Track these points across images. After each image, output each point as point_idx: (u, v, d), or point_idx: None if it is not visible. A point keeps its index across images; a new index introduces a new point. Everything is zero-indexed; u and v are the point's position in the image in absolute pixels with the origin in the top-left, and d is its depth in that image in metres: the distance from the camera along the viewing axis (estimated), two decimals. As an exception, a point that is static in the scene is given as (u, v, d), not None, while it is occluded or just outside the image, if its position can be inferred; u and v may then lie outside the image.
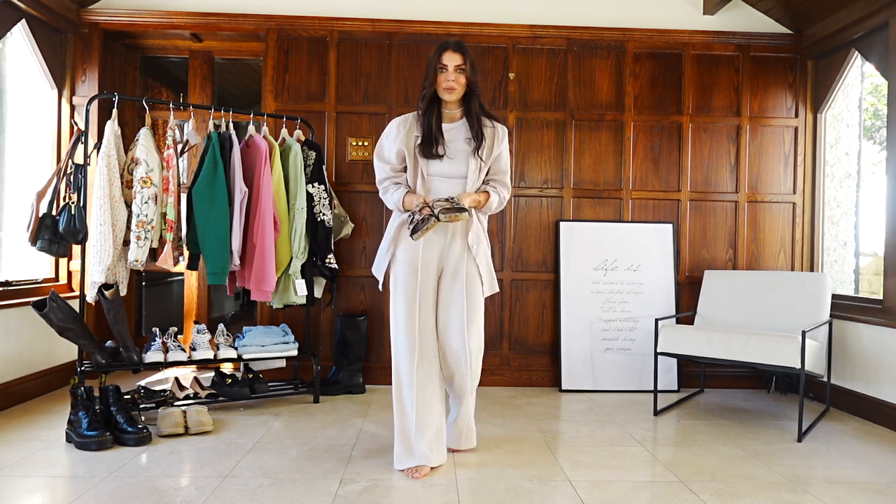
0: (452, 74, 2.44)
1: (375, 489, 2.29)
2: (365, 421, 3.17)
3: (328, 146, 3.94)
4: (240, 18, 3.91)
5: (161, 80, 4.80)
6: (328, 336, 3.95)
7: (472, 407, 2.68)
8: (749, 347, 3.09)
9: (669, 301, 3.96)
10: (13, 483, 2.29)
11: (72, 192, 2.98)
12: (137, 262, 3.01)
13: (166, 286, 5.12)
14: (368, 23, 3.93)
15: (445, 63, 2.44)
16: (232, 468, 2.46)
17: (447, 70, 2.44)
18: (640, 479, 2.45)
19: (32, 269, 3.67)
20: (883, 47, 3.42)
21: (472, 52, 2.52)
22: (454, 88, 2.45)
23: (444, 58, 2.45)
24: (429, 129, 2.47)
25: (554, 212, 4.03)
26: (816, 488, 2.38)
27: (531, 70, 4.02)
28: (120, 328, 3.02)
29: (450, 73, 2.44)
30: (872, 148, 3.94)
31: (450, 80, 2.44)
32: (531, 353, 4.01)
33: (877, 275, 3.77)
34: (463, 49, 2.46)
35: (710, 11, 4.00)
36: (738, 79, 4.08)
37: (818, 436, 3.06)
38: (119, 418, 2.75)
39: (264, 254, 3.23)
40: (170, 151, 3.12)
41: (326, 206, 3.52)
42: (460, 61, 2.44)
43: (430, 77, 2.47)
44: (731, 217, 4.08)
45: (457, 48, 2.46)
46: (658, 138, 4.06)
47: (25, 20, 3.50)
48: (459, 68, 2.44)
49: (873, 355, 3.33)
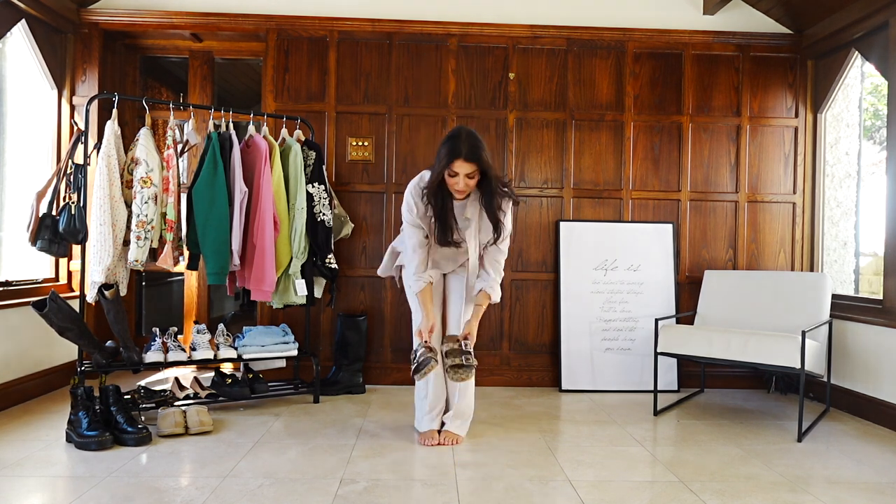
0: (463, 181, 2.45)
1: (375, 489, 2.29)
2: (365, 421, 3.17)
3: (328, 146, 3.94)
4: (240, 18, 3.91)
5: (161, 80, 4.80)
6: (328, 336, 3.95)
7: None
8: (749, 347, 3.09)
9: (669, 301, 3.96)
10: (13, 483, 2.29)
11: (72, 192, 2.98)
12: (137, 262, 3.01)
13: (166, 286, 5.12)
14: (368, 23, 3.93)
15: (457, 171, 2.44)
16: (232, 468, 2.46)
17: (458, 177, 2.45)
18: (640, 479, 2.45)
19: (32, 269, 3.67)
20: (883, 47, 3.42)
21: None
22: (464, 192, 2.49)
23: (456, 166, 2.42)
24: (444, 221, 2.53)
25: (554, 212, 4.03)
26: (816, 488, 2.38)
27: (531, 70, 4.02)
28: (120, 328, 3.02)
29: (460, 180, 2.45)
30: (872, 148, 3.94)
31: (459, 185, 2.46)
32: (531, 353, 4.01)
33: (877, 275, 3.77)
34: (477, 157, 2.40)
35: (710, 11, 4.00)
36: (738, 79, 4.08)
37: (818, 436, 3.06)
38: (119, 418, 2.75)
39: (264, 254, 3.23)
40: (170, 151, 3.12)
41: (326, 206, 3.51)
42: (472, 170, 2.43)
43: (438, 170, 2.46)
44: (731, 217, 4.08)
45: (469, 157, 2.39)
46: (658, 138, 4.06)
47: (25, 20, 3.50)
48: (470, 176, 2.44)
49: (873, 355, 3.33)
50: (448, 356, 2.60)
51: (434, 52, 3.97)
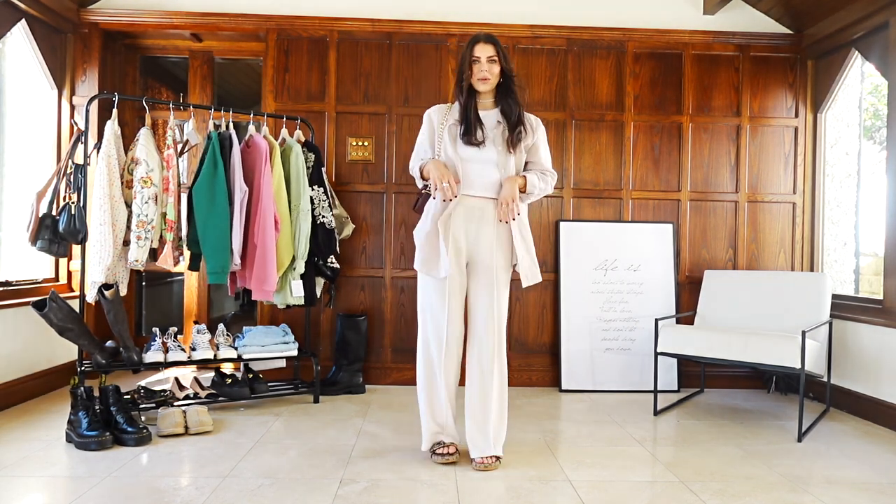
0: (486, 65, 2.52)
1: (375, 489, 2.29)
2: (365, 421, 3.17)
3: (328, 146, 3.94)
4: (240, 18, 3.91)
5: (161, 80, 4.80)
6: (328, 336, 3.95)
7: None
8: (749, 347, 3.09)
9: (669, 301, 3.96)
10: (13, 483, 2.29)
11: (72, 192, 2.98)
12: (137, 262, 3.01)
13: (166, 286, 5.12)
14: (368, 23, 3.93)
15: (478, 55, 2.53)
16: (232, 468, 2.46)
17: (480, 61, 2.53)
18: (640, 479, 2.45)
19: (32, 269, 3.67)
20: (883, 47, 3.42)
21: (503, 43, 2.61)
22: (488, 79, 2.54)
23: (476, 50, 2.53)
24: (468, 118, 2.53)
25: (554, 212, 4.03)
26: (816, 488, 2.38)
27: (531, 70, 4.01)
28: (120, 328, 3.02)
29: (483, 64, 2.52)
30: (872, 148, 3.94)
31: (483, 70, 2.52)
32: (531, 353, 4.00)
33: (877, 275, 3.76)
34: (494, 40, 2.55)
35: (710, 11, 4.00)
36: (738, 79, 4.08)
37: (818, 436, 3.06)
38: (119, 418, 2.75)
39: (265, 253, 3.22)
40: (170, 151, 3.12)
41: (326, 207, 3.52)
42: (492, 52, 2.52)
43: (464, 69, 2.56)
44: (731, 217, 4.08)
45: (488, 40, 2.54)
46: (658, 138, 4.06)
47: (25, 20, 3.50)
48: (492, 59, 2.52)
49: (873, 355, 3.33)
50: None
51: (434, 51, 3.97)
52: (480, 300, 2.55)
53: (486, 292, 2.54)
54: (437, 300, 2.53)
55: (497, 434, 2.53)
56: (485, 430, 2.51)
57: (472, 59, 2.54)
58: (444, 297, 2.52)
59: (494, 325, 2.53)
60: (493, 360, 2.53)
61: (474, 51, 2.53)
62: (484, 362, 2.53)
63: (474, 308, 2.57)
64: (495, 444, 2.52)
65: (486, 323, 2.54)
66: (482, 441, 2.51)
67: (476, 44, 2.54)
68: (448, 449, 2.56)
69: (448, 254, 2.48)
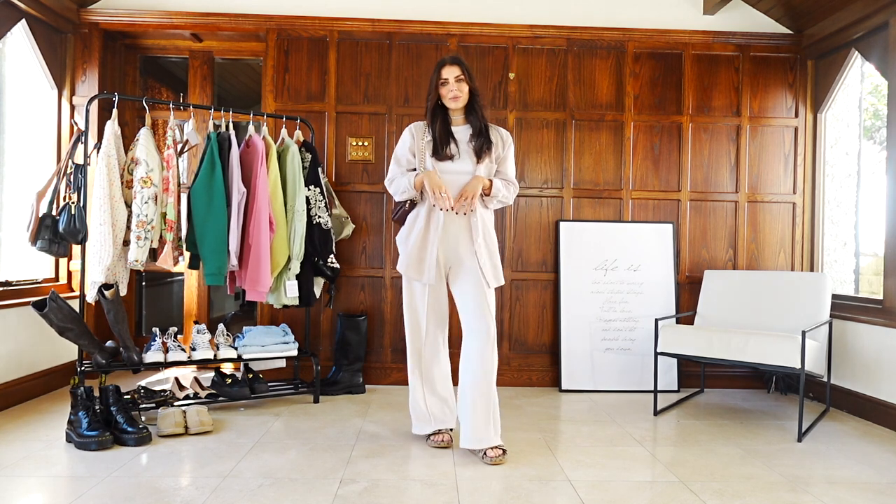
0: (454, 85, 2.68)
1: (375, 489, 2.29)
2: (365, 421, 3.17)
3: (328, 146, 3.94)
4: (240, 18, 3.91)
5: (161, 80, 4.80)
6: (328, 336, 3.95)
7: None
8: (749, 347, 3.09)
9: (669, 301, 3.96)
10: (13, 483, 2.29)
11: (72, 192, 2.98)
12: (137, 262, 3.01)
13: (166, 286, 5.12)
14: (368, 23, 3.93)
15: (446, 77, 2.69)
16: (232, 468, 2.46)
17: (449, 82, 2.68)
18: (640, 479, 2.45)
19: (32, 269, 3.67)
20: (883, 47, 3.42)
21: (468, 62, 2.72)
22: (458, 97, 2.69)
23: (444, 72, 2.70)
24: (439, 134, 2.70)
25: (554, 212, 4.03)
26: (816, 488, 2.38)
27: (531, 70, 4.02)
28: (120, 328, 3.02)
29: (452, 84, 2.68)
30: (872, 148, 3.94)
31: (452, 90, 2.68)
32: (531, 353, 4.00)
33: (877, 275, 3.76)
34: (460, 61, 2.72)
35: (710, 11, 4.00)
36: (738, 79, 4.08)
37: (818, 436, 3.06)
38: (119, 418, 2.75)
39: (259, 254, 3.22)
40: (170, 151, 3.12)
41: (322, 208, 3.51)
42: (459, 72, 2.69)
43: (432, 91, 2.73)
44: (731, 217, 4.08)
45: (453, 62, 2.71)
46: (658, 138, 4.06)
47: (25, 20, 3.50)
48: (459, 78, 2.68)
49: (873, 355, 3.33)
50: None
51: (434, 52, 3.97)
52: (468, 295, 2.69)
53: (473, 288, 2.67)
54: (419, 300, 2.77)
55: (496, 422, 2.65)
56: (487, 418, 2.63)
57: (441, 81, 2.69)
58: (424, 297, 2.75)
59: (486, 314, 2.66)
60: (492, 350, 2.66)
61: (442, 73, 2.69)
62: (485, 352, 2.66)
63: (464, 304, 2.71)
64: (495, 432, 2.64)
65: (475, 312, 2.67)
66: (485, 430, 2.61)
67: (443, 67, 2.70)
68: (443, 437, 2.78)
69: (433, 262, 2.67)
